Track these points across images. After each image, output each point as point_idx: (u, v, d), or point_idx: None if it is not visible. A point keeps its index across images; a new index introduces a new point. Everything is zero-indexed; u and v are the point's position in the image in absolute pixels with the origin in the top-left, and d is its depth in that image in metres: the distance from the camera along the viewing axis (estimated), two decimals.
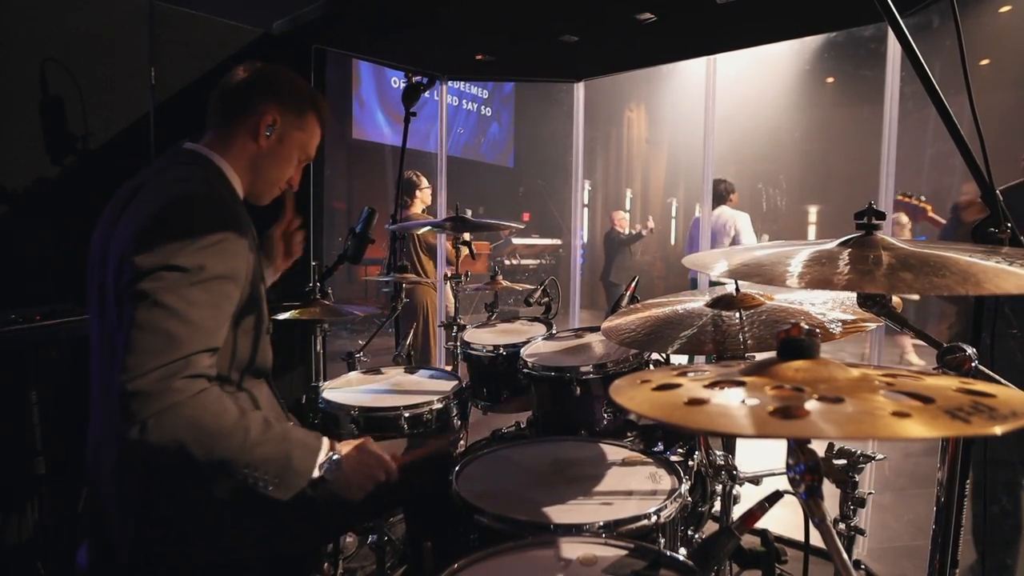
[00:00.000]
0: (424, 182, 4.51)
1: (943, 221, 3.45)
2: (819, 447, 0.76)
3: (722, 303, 1.54)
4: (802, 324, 0.78)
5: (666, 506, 1.27)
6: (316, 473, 1.24)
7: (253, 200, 1.46)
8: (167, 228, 1.16)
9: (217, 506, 1.25)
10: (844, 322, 1.37)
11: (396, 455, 1.41)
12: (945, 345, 0.92)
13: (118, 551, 1.22)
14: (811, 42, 8.00)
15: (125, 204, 1.28)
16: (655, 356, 1.86)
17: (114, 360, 1.11)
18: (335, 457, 1.27)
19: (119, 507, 1.23)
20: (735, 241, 5.04)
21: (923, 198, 3.59)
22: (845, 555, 0.72)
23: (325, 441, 1.28)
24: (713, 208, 4.74)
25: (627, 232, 8.28)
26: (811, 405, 0.66)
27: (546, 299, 2.56)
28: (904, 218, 5.57)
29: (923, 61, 1.04)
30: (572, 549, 1.14)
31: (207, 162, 1.36)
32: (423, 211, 4.53)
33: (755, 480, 1.63)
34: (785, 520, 2.49)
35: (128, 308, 1.11)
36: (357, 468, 1.30)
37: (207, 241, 1.17)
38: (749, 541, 1.02)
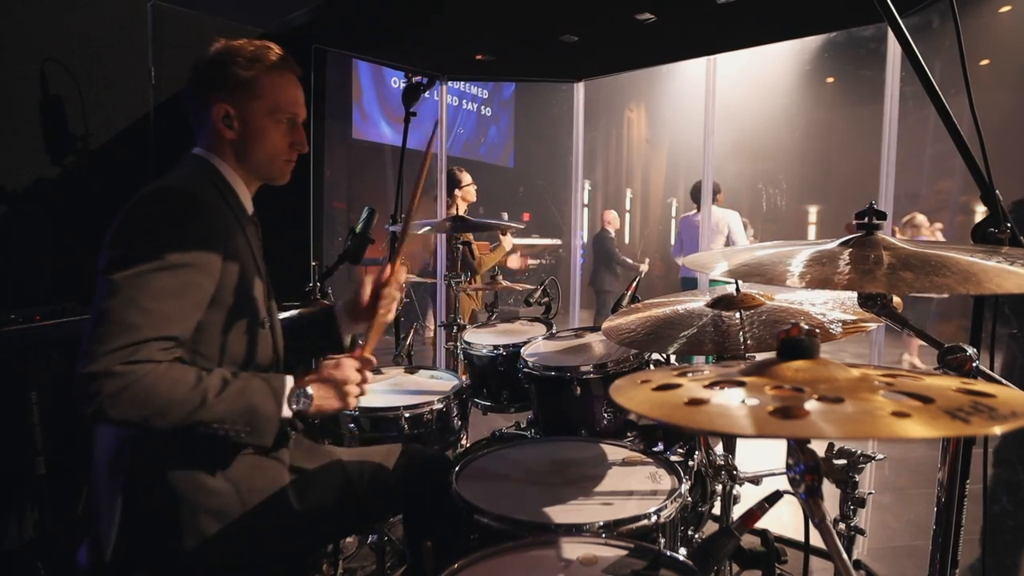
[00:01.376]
0: (467, 177, 4.10)
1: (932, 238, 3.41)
2: (819, 447, 0.76)
3: (722, 303, 1.54)
4: (802, 324, 0.78)
5: (666, 506, 1.27)
6: (287, 412, 1.25)
7: (271, 182, 1.45)
8: (134, 219, 1.21)
9: (218, 506, 1.25)
10: (844, 322, 1.37)
11: (361, 353, 1.37)
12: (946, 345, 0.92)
13: (102, 548, 1.22)
14: (811, 42, 7.99)
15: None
16: (655, 356, 1.86)
17: None
18: (301, 390, 1.27)
19: (105, 503, 1.24)
20: (729, 240, 5.02)
21: (903, 220, 3.54)
22: (845, 555, 0.72)
23: (288, 379, 1.28)
24: (700, 209, 4.72)
25: (613, 234, 7.89)
26: (811, 405, 0.66)
27: (546, 299, 2.56)
28: (920, 217, 5.52)
29: (923, 61, 1.04)
30: (572, 549, 1.15)
31: (206, 164, 1.37)
32: (466, 211, 4.10)
33: (755, 480, 1.63)
34: (785, 520, 2.50)
35: (96, 296, 1.15)
36: (327, 390, 1.31)
37: (173, 231, 1.19)
38: (749, 541, 1.02)
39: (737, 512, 1.69)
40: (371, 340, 1.42)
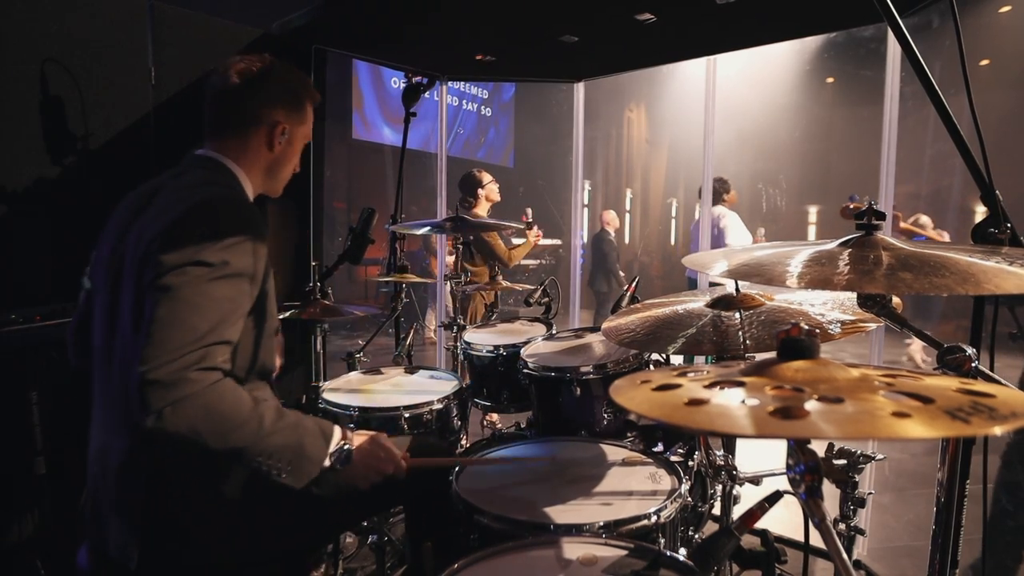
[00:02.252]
0: (487, 176, 4.06)
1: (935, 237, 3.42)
2: (819, 447, 0.77)
3: (722, 303, 1.54)
4: (802, 324, 0.78)
5: (666, 506, 1.27)
6: (327, 462, 1.26)
7: (269, 194, 1.51)
8: (193, 227, 1.20)
9: (222, 505, 1.25)
10: (844, 322, 1.37)
11: (406, 455, 1.41)
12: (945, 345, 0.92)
13: (124, 552, 1.21)
14: (811, 42, 8.00)
15: (139, 209, 1.30)
16: (655, 356, 1.86)
17: (130, 355, 1.13)
18: (346, 447, 1.29)
19: (124, 508, 1.23)
20: (721, 239, 4.94)
21: (908, 221, 3.56)
22: (845, 555, 0.72)
23: (337, 430, 1.30)
24: (702, 208, 4.70)
25: (612, 235, 7.85)
26: (811, 405, 0.66)
27: (546, 299, 2.56)
28: (924, 219, 5.51)
29: (923, 61, 1.04)
30: (572, 549, 1.15)
31: (223, 168, 1.38)
32: (489, 212, 4.11)
33: (755, 480, 1.63)
34: (785, 520, 2.50)
35: (150, 302, 1.14)
36: (367, 459, 1.32)
37: (231, 240, 1.21)
38: (749, 541, 1.02)
39: (737, 512, 1.69)
40: (424, 462, 1.46)
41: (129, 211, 1.33)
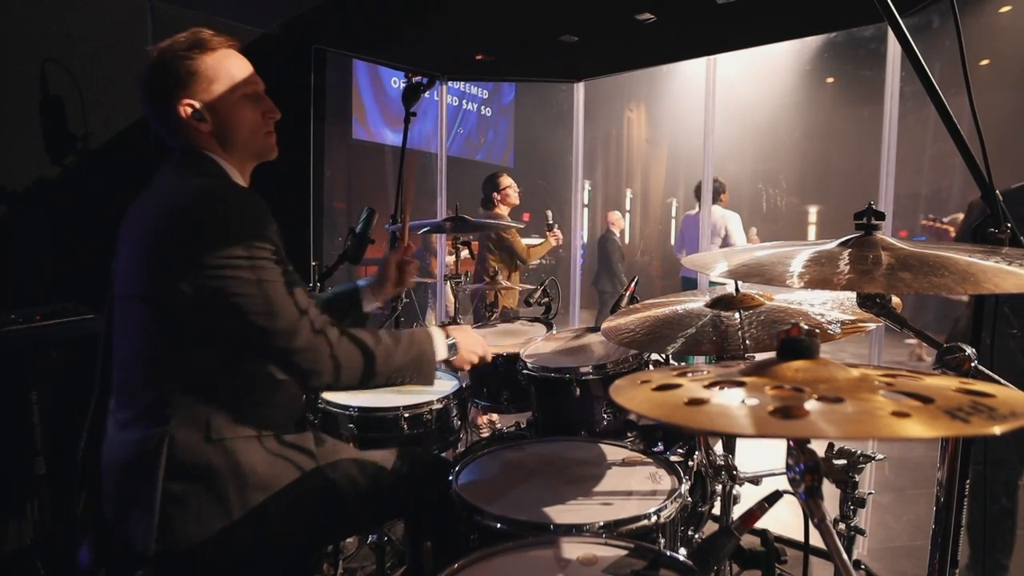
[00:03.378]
0: (505, 181, 4.12)
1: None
2: (819, 447, 0.77)
3: (722, 303, 1.54)
4: (802, 324, 0.78)
5: (666, 506, 1.27)
6: (443, 356, 1.51)
7: (262, 158, 1.46)
8: (224, 220, 1.24)
9: (221, 505, 1.25)
10: (843, 322, 1.37)
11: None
12: (945, 345, 0.92)
13: (139, 544, 1.21)
14: (811, 42, 7.99)
15: (144, 210, 1.31)
16: (655, 356, 1.86)
17: (158, 354, 1.24)
18: (452, 341, 1.53)
19: (138, 503, 1.23)
20: (725, 242, 4.99)
21: (945, 220, 3.56)
22: (845, 555, 0.72)
23: (438, 330, 1.52)
24: (702, 208, 4.71)
25: (620, 234, 7.96)
26: (811, 405, 0.66)
27: (546, 299, 2.56)
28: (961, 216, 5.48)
29: (923, 61, 1.04)
30: (572, 549, 1.15)
31: (209, 161, 1.37)
32: (509, 214, 4.15)
33: (755, 480, 1.63)
34: (785, 520, 2.50)
35: (218, 300, 1.20)
36: (468, 345, 1.57)
37: (260, 227, 1.27)
38: (749, 541, 1.02)
39: (737, 512, 1.69)
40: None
41: (134, 218, 1.33)
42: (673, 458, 1.53)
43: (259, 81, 1.41)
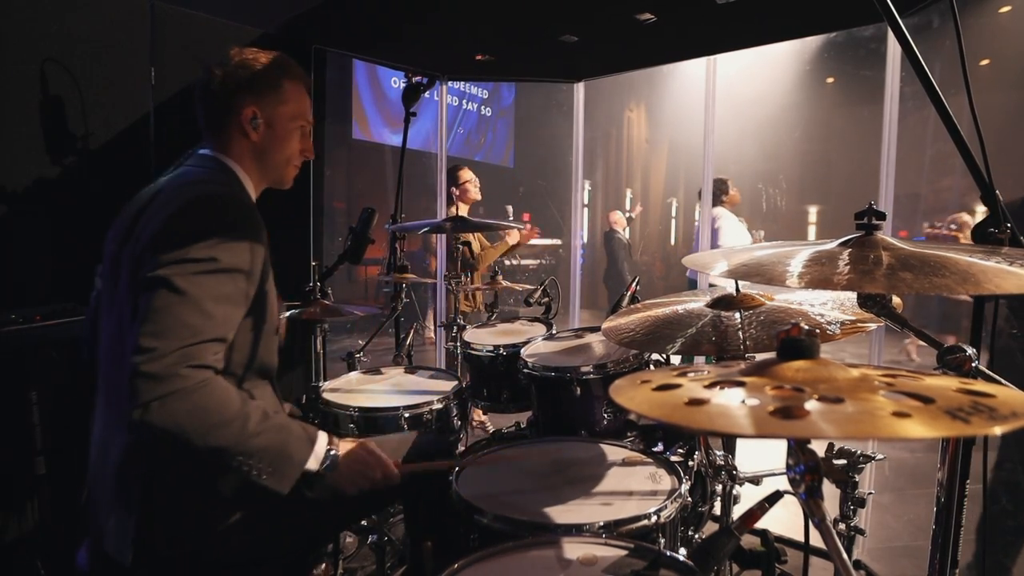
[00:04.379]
0: (465, 175, 4.01)
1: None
2: (819, 447, 0.76)
3: (722, 303, 1.54)
4: (802, 324, 0.78)
5: (666, 506, 1.27)
6: (314, 466, 1.26)
7: (278, 186, 1.49)
8: (187, 223, 1.21)
9: (217, 506, 1.25)
10: (844, 322, 1.37)
11: (398, 462, 1.41)
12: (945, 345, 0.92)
13: (119, 551, 1.22)
14: (811, 42, 7.98)
15: (141, 209, 1.31)
16: (655, 356, 1.86)
17: (125, 348, 1.13)
18: (332, 452, 1.29)
19: (121, 504, 1.23)
20: (715, 238, 4.93)
21: (953, 226, 3.52)
22: (845, 555, 0.72)
23: (323, 435, 1.30)
24: (702, 208, 4.68)
25: (625, 231, 8.11)
26: (811, 405, 0.66)
27: (546, 299, 2.56)
28: (966, 216, 5.41)
29: (923, 61, 1.04)
30: (572, 549, 1.14)
31: (222, 165, 1.39)
32: (468, 211, 4.05)
33: (755, 480, 1.63)
34: (785, 520, 2.50)
35: (144, 296, 1.14)
36: (354, 466, 1.32)
37: (224, 236, 1.21)
38: (749, 541, 1.02)
39: (737, 512, 1.69)
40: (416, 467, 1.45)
41: (132, 212, 1.34)
42: (673, 458, 1.53)
43: (312, 121, 1.50)
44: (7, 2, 2.16)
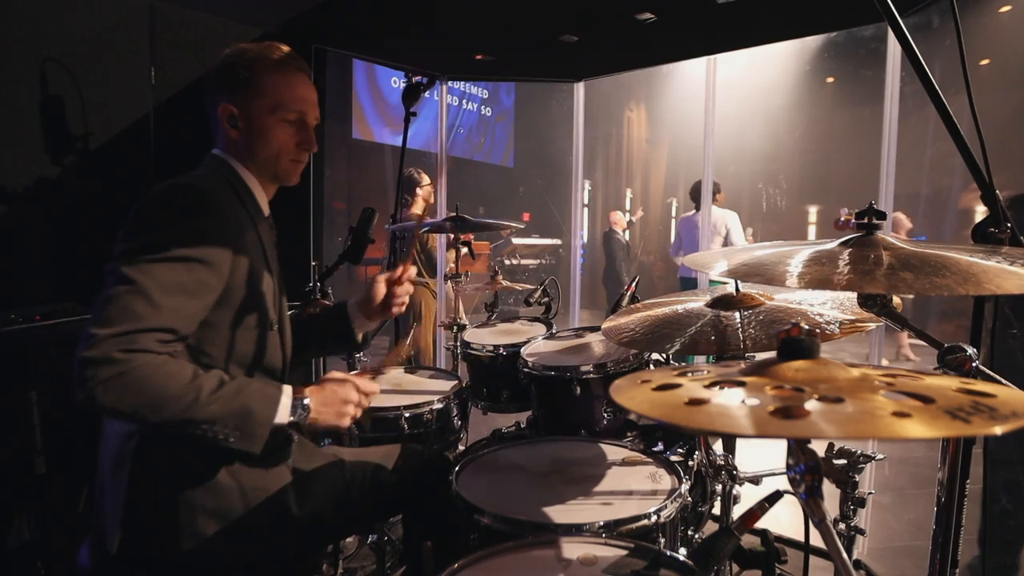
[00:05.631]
0: (425, 178, 4.21)
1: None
2: (819, 447, 0.76)
3: (722, 303, 1.54)
4: (802, 324, 0.78)
5: (666, 506, 1.27)
6: (285, 418, 1.24)
7: (280, 182, 1.47)
8: (146, 212, 1.22)
9: (204, 502, 1.25)
10: (843, 322, 1.37)
11: (371, 374, 1.41)
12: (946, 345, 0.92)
13: (107, 541, 1.23)
14: (811, 42, 7.98)
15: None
16: (655, 356, 1.86)
17: None
18: (302, 399, 1.27)
19: (110, 497, 1.25)
20: (727, 240, 5.03)
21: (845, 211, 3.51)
22: (845, 555, 0.72)
23: (287, 388, 1.28)
24: (699, 208, 4.71)
25: (624, 232, 8.15)
26: (811, 405, 0.66)
27: (546, 299, 2.56)
28: (902, 215, 5.59)
29: (923, 61, 1.04)
30: (572, 549, 1.14)
31: (223, 164, 1.39)
32: (424, 211, 4.21)
33: (755, 480, 1.63)
34: (785, 520, 2.50)
35: (103, 286, 1.15)
36: (329, 399, 1.31)
37: (183, 225, 1.20)
38: (749, 541, 1.02)
39: (737, 512, 1.69)
40: (388, 363, 1.43)
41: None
42: (673, 458, 1.53)
43: (311, 111, 1.43)
44: (7, 2, 2.16)
